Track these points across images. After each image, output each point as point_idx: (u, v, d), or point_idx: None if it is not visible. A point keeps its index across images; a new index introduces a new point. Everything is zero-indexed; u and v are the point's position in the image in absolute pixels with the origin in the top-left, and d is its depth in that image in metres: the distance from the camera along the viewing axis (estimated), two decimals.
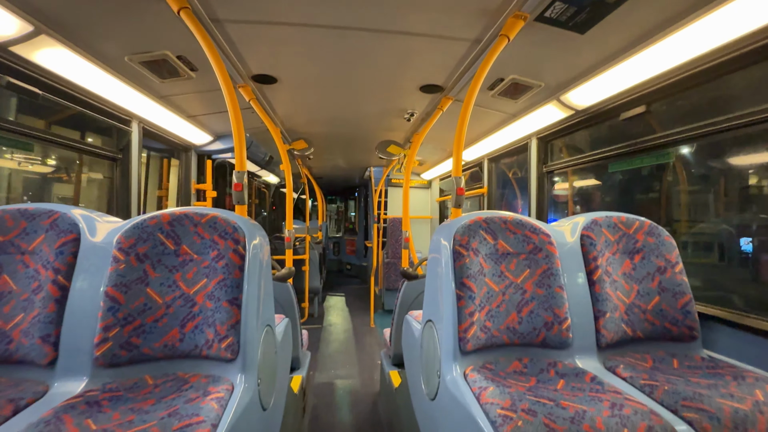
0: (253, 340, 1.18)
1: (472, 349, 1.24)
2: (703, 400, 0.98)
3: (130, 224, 1.23)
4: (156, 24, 1.53)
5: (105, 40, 1.63)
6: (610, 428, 0.87)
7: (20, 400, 0.98)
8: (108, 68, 1.82)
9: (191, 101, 2.44)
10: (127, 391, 1.05)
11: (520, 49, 1.68)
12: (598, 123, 2.23)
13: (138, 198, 2.45)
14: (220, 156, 3.41)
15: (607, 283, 1.41)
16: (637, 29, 1.46)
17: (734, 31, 1.31)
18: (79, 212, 1.27)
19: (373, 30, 1.63)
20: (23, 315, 1.13)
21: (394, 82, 2.24)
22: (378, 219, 5.38)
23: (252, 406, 1.12)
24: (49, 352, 1.11)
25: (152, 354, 1.15)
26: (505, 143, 3.14)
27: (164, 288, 1.19)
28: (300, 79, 2.21)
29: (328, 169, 6.33)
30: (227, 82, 1.55)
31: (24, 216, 1.21)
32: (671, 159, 1.99)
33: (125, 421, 0.88)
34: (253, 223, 1.38)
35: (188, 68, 1.93)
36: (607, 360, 1.33)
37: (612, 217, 1.52)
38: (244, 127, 1.62)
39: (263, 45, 1.78)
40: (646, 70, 1.65)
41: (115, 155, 2.35)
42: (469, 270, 1.30)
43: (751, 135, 1.53)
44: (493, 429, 0.91)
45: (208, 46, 1.49)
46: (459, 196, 1.73)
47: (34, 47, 1.52)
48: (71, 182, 2.56)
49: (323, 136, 3.65)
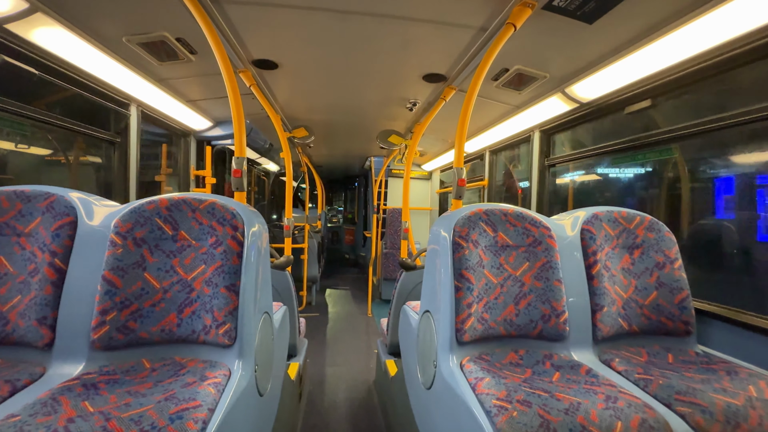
0: (250, 327, 1.19)
1: (469, 340, 1.25)
2: (697, 395, 0.99)
3: (128, 208, 1.22)
4: (155, 4, 1.50)
5: (102, 20, 1.59)
6: (603, 420, 0.88)
7: (17, 381, 0.99)
8: (105, 49, 1.79)
9: (191, 85, 2.41)
10: (124, 374, 1.05)
11: (527, 38, 1.64)
12: (602, 117, 2.21)
13: (136, 182, 2.43)
14: (219, 142, 3.38)
15: (606, 278, 1.41)
16: (647, 20, 1.43)
17: (744, 25, 1.29)
18: (76, 195, 1.26)
19: (376, 15, 1.59)
20: (20, 297, 1.13)
21: (396, 69, 2.20)
22: (378, 209, 5.37)
23: (249, 392, 1.13)
24: (46, 334, 1.11)
25: (149, 338, 1.15)
26: (507, 135, 3.11)
27: (162, 273, 1.19)
28: (301, 64, 2.17)
29: (329, 157, 6.29)
30: (227, 67, 1.52)
31: (20, 198, 1.20)
32: (675, 154, 1.97)
33: (122, 404, 0.88)
34: (252, 209, 1.37)
35: (188, 51, 1.89)
36: (603, 353, 1.33)
37: (613, 211, 1.51)
38: (244, 113, 1.59)
39: (264, 29, 1.74)
40: (654, 63, 1.63)
41: (113, 139, 2.32)
42: (468, 261, 1.30)
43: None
44: (488, 419, 0.92)
45: (208, 29, 1.45)
46: (460, 187, 1.72)
47: (29, 25, 1.49)
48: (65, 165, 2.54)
49: (324, 123, 3.62)
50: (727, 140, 1.64)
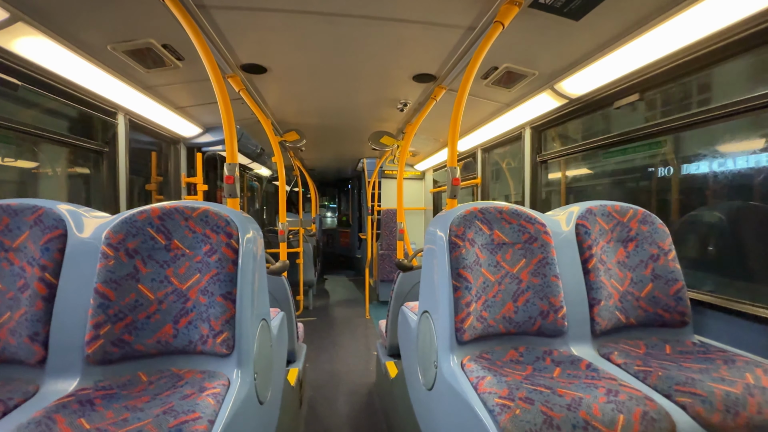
0: (248, 335, 1.17)
1: (469, 339, 1.25)
2: (696, 385, 1.00)
3: (119, 219, 1.20)
4: (139, 10, 1.47)
5: (86, 28, 1.57)
6: (606, 414, 0.88)
7: (9, 400, 0.96)
8: (90, 57, 1.76)
9: (179, 92, 2.38)
10: (120, 389, 1.03)
11: (515, 36, 1.65)
12: (591, 112, 2.23)
13: (126, 192, 2.39)
14: (210, 148, 3.34)
15: (602, 272, 1.42)
16: (633, 15, 1.45)
17: (729, 17, 1.31)
18: (65, 207, 1.23)
19: (365, 17, 1.59)
20: (10, 314, 1.10)
21: (386, 71, 2.20)
22: (372, 211, 5.36)
23: (249, 401, 1.11)
24: (38, 351, 1.08)
25: (145, 350, 1.13)
26: (498, 133, 3.13)
27: (156, 284, 1.17)
28: (290, 68, 2.16)
29: (321, 160, 6.27)
30: (215, 72, 1.50)
31: (6, 212, 1.17)
32: (663, 147, 2.00)
33: (119, 420, 0.86)
34: (245, 216, 1.35)
35: (174, 57, 1.87)
36: (602, 347, 1.34)
37: (606, 205, 1.52)
38: (234, 118, 1.58)
39: (252, 33, 1.73)
40: (641, 57, 1.64)
41: (101, 148, 2.28)
42: (465, 260, 1.30)
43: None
44: (491, 418, 0.92)
45: (195, 34, 1.43)
46: (454, 186, 1.72)
47: (10, 35, 1.45)
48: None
49: (315, 127, 3.60)
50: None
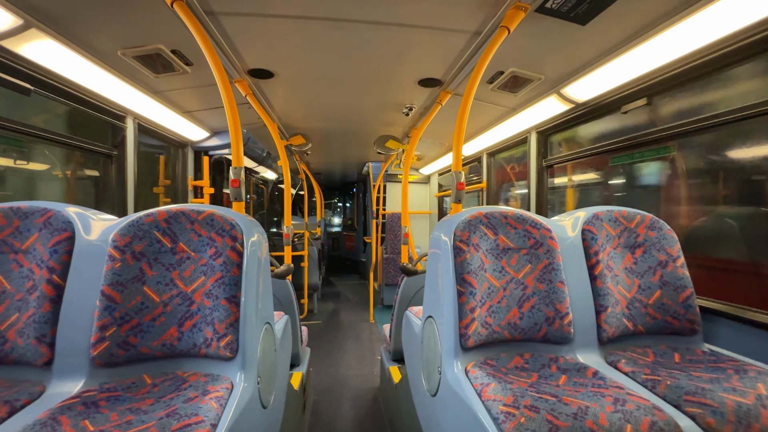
0: (252, 338, 1.17)
1: (473, 345, 1.23)
2: (706, 395, 0.97)
3: (126, 222, 1.21)
4: (149, 17, 1.50)
5: (97, 34, 1.60)
6: (613, 424, 0.86)
7: (16, 401, 0.97)
8: (101, 62, 1.79)
9: (187, 96, 2.41)
10: (125, 391, 1.03)
11: (521, 41, 1.65)
12: (598, 117, 2.22)
13: (134, 195, 2.42)
14: (217, 152, 3.38)
15: (609, 278, 1.40)
16: (640, 20, 1.44)
17: (737, 22, 1.29)
18: (73, 210, 1.25)
19: (371, 22, 1.60)
20: (18, 315, 1.11)
21: (392, 75, 2.21)
22: (377, 215, 5.36)
23: (252, 405, 1.11)
24: (45, 353, 1.09)
25: (150, 353, 1.14)
26: (504, 137, 3.12)
27: (161, 286, 1.18)
28: (297, 73, 2.18)
29: (327, 164, 6.29)
30: (223, 77, 1.52)
31: (16, 214, 1.19)
32: (672, 152, 1.97)
33: (123, 422, 0.87)
34: (251, 219, 1.36)
35: (183, 63, 1.89)
36: (609, 355, 1.32)
37: (613, 211, 1.51)
38: (240, 122, 1.59)
39: (259, 38, 1.75)
40: (648, 62, 1.63)
41: (110, 152, 2.32)
42: (470, 265, 1.29)
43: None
44: (496, 426, 0.91)
45: (203, 40, 1.46)
46: (459, 191, 1.71)
47: (24, 41, 1.49)
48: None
49: (321, 131, 3.63)
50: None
